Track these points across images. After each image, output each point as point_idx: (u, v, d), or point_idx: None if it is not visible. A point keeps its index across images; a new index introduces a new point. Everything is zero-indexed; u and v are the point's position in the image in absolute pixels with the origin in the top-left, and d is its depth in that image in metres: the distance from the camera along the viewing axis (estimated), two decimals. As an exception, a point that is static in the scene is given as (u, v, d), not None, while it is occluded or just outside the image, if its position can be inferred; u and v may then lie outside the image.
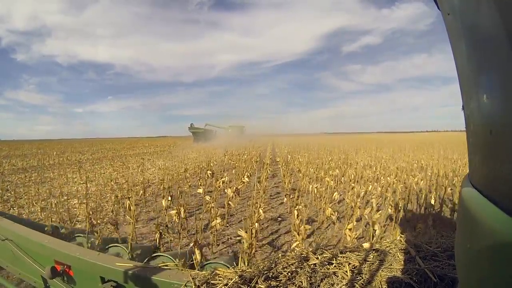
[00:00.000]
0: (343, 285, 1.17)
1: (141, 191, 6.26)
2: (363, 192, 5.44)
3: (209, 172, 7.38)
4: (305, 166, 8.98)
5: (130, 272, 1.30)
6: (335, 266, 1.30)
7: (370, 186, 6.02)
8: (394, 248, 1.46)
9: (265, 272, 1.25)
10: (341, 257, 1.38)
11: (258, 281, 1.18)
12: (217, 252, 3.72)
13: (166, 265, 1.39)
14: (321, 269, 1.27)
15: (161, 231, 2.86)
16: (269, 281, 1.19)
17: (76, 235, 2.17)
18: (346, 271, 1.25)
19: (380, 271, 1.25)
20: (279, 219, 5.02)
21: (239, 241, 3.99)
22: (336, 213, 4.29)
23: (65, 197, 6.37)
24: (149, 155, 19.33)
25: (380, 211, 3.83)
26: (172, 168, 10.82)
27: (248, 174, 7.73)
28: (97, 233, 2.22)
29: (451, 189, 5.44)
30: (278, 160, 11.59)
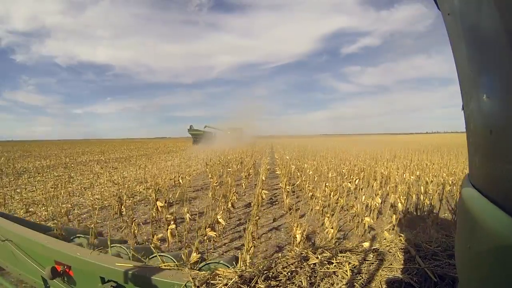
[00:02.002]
0: (343, 284, 1.17)
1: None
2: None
3: (159, 203, 4.49)
4: (320, 183, 6.12)
5: (130, 272, 1.30)
6: (335, 265, 1.30)
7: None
8: (394, 247, 1.46)
9: (265, 272, 1.25)
10: (341, 256, 1.38)
11: (258, 281, 1.18)
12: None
13: (166, 266, 1.39)
14: (321, 269, 1.27)
15: None
16: (269, 281, 1.19)
17: (76, 235, 2.17)
18: (346, 271, 1.25)
19: (380, 270, 1.25)
20: None
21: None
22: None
23: None
24: (120, 162, 15.93)
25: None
26: (127, 184, 7.91)
27: (231, 204, 4.87)
28: (97, 234, 2.22)
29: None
30: (278, 172, 8.29)
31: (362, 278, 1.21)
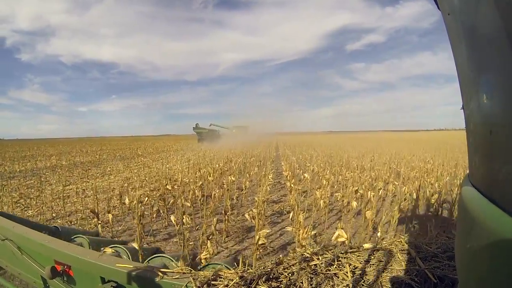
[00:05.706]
0: (343, 286, 1.17)
1: None
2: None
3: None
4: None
5: (130, 272, 1.30)
6: (336, 267, 1.30)
7: None
8: (395, 248, 1.46)
9: (266, 273, 1.25)
10: (342, 258, 1.38)
11: (259, 282, 1.18)
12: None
13: (167, 266, 1.39)
14: (322, 270, 1.27)
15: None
16: (270, 282, 1.19)
17: (76, 235, 2.17)
18: (347, 272, 1.25)
19: (380, 271, 1.25)
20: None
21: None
22: None
23: None
24: (37, 174, 12.06)
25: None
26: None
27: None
28: (98, 234, 2.22)
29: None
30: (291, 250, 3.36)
31: (362, 279, 1.21)
